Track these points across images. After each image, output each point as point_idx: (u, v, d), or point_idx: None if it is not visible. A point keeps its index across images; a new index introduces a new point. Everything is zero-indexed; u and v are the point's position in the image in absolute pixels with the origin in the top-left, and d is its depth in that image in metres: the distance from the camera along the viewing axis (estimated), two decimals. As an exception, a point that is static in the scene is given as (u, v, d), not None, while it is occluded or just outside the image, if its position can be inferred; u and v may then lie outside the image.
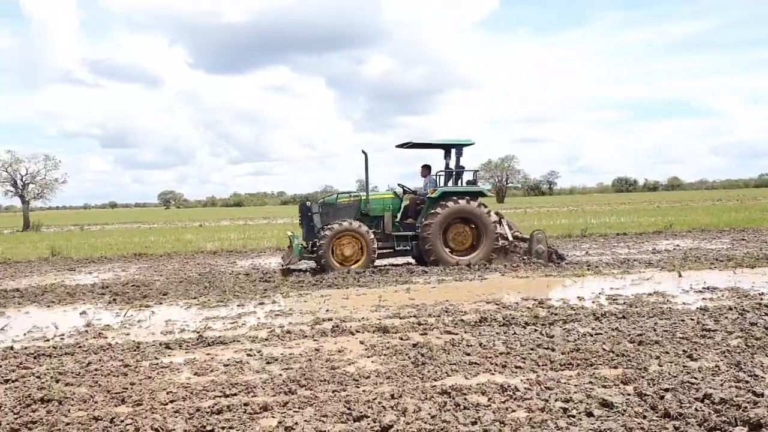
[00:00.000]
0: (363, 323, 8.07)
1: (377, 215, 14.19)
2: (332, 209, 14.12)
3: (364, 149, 14.03)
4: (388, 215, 14.13)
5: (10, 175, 45.09)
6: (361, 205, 14.13)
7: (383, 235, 14.05)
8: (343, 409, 4.85)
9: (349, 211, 14.11)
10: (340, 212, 14.07)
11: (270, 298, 10.42)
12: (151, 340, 7.56)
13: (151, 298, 10.80)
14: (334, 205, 14.22)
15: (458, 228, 13.99)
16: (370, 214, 14.16)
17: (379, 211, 14.19)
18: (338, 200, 14.33)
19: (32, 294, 11.79)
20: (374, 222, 14.16)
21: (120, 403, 5.24)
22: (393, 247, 14.03)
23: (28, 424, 4.73)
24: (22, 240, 30.75)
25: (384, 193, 14.74)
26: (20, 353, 7.08)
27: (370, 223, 14.05)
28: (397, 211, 14.41)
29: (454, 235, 13.99)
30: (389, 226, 14.04)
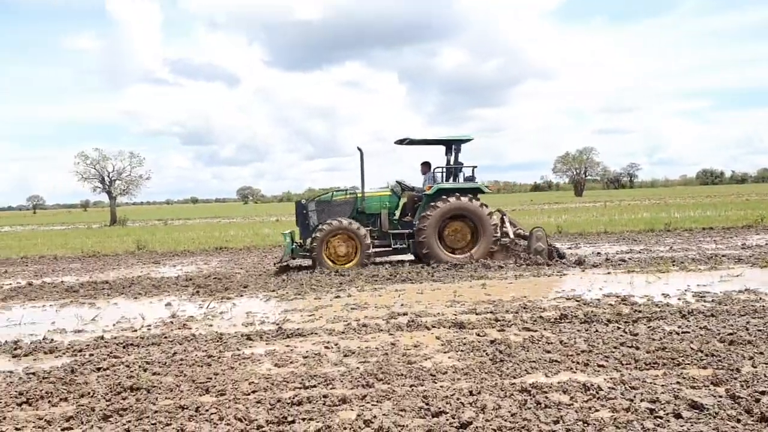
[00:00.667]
0: (439, 318, 8.03)
1: (374, 213, 14.02)
2: (328, 207, 14.02)
3: (359, 146, 13.94)
4: (385, 213, 13.93)
5: (98, 172, 47.43)
6: (357, 203, 13.99)
7: (380, 233, 13.87)
8: (421, 404, 4.83)
9: (345, 209, 13.97)
10: (335, 210, 13.96)
11: (345, 292, 10.52)
12: (233, 332, 7.76)
13: (232, 291, 11.10)
14: (330, 203, 14.09)
15: (455, 225, 13.67)
16: (366, 212, 14.01)
17: (375, 209, 14.00)
18: (333, 198, 14.17)
19: (120, 286, 12.34)
20: (371, 220, 14.02)
21: (204, 393, 5.40)
22: (390, 245, 13.84)
23: (119, 411, 4.94)
24: (109, 234, 32.26)
25: (380, 190, 14.43)
26: (110, 343, 7.41)
27: (366, 221, 13.93)
28: (394, 209, 14.30)
29: (452, 233, 13.68)
30: (386, 223, 13.85)
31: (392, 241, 13.79)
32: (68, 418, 4.85)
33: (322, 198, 14.27)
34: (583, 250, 16.00)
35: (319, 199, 14.26)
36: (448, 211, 13.41)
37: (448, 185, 13.82)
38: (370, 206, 13.98)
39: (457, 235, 13.67)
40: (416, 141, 14.21)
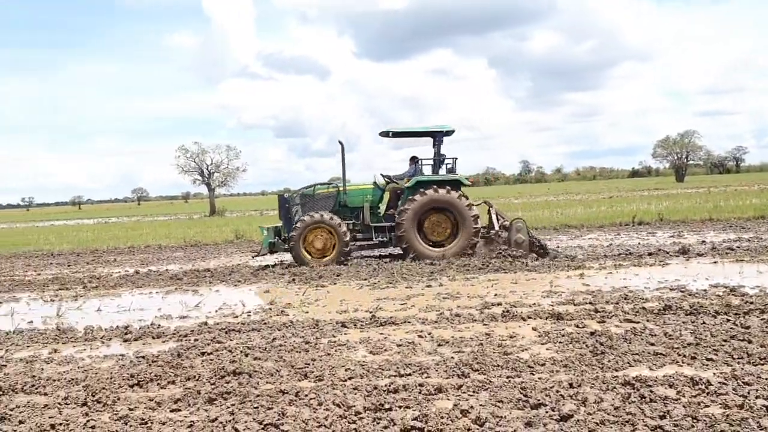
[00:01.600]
0: (535, 309, 7.86)
1: (356, 206, 13.91)
2: (310, 201, 13.94)
3: (340, 140, 13.90)
4: (367, 206, 13.79)
5: (197, 165, 49.48)
6: (340, 197, 13.90)
7: (363, 227, 13.77)
8: (519, 396, 4.74)
9: (327, 203, 13.87)
10: (317, 204, 13.86)
11: (437, 281, 10.49)
12: (328, 319, 7.90)
13: (326, 279, 11.30)
14: (312, 196, 14.01)
15: (436, 218, 13.36)
16: (349, 206, 13.93)
17: (358, 202, 13.90)
18: (316, 192, 14.08)
19: (221, 274, 12.82)
20: (354, 213, 13.92)
21: (303, 378, 5.53)
22: (371, 239, 13.71)
23: (224, 395, 5.12)
24: (209, 224, 33.60)
25: (362, 183, 14.34)
26: (213, 328, 7.71)
27: (350, 214, 13.88)
28: (377, 202, 14.17)
29: (432, 226, 13.39)
30: (367, 217, 13.70)
31: (374, 234, 13.71)
32: (176, 400, 5.08)
33: (304, 192, 14.19)
34: (687, 238, 15.25)
35: (302, 192, 14.20)
36: (426, 204, 13.15)
37: (426, 178, 13.60)
38: (352, 200, 13.93)
39: (438, 228, 13.41)
40: (399, 133, 14.13)
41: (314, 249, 13.30)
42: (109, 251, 20.58)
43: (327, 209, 13.65)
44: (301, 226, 13.20)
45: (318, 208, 13.65)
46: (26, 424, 4.67)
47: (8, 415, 4.87)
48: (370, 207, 13.86)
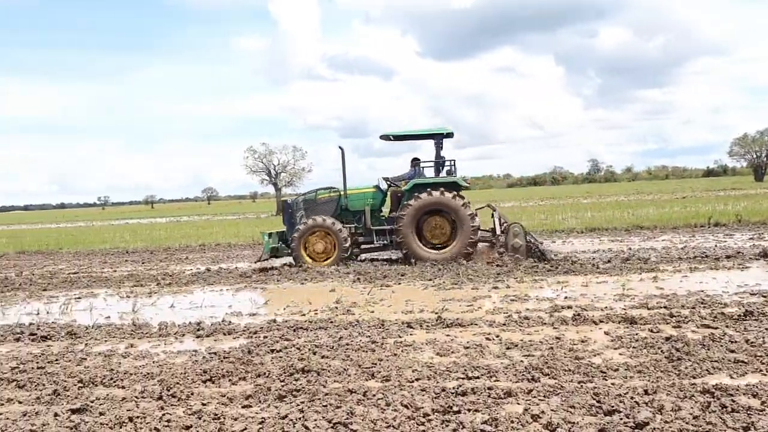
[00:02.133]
0: (606, 313, 7.64)
1: (358, 210, 14.06)
2: (312, 206, 14.21)
3: (340, 146, 14.04)
4: (368, 210, 13.92)
5: (265, 165, 50.52)
6: (341, 201, 14.09)
7: (365, 230, 13.89)
8: (591, 402, 4.61)
9: (329, 207, 14.11)
10: (319, 208, 14.10)
11: (504, 283, 10.34)
12: (394, 319, 7.91)
13: (391, 279, 11.32)
14: (314, 201, 14.27)
15: (435, 221, 13.38)
16: (350, 209, 14.09)
17: (359, 206, 14.04)
18: (318, 196, 14.32)
19: (288, 272, 13.02)
20: (356, 217, 14.09)
21: (370, 378, 5.54)
22: (373, 242, 13.81)
23: (293, 392, 5.19)
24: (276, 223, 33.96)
25: (364, 187, 14.38)
26: (282, 326, 7.83)
27: (351, 218, 14.07)
28: (379, 205, 14.29)
29: (432, 228, 13.42)
30: (368, 220, 13.83)
31: (375, 237, 13.79)
32: (247, 396, 5.17)
33: (307, 197, 14.47)
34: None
35: (305, 198, 14.47)
36: (423, 207, 13.18)
37: (423, 180, 13.64)
38: (353, 203, 14.10)
39: (437, 230, 13.42)
40: (399, 136, 14.36)
41: (315, 252, 13.62)
42: (181, 249, 21.21)
43: (329, 213, 13.95)
44: (301, 231, 13.56)
45: (320, 213, 13.94)
46: (106, 416, 4.85)
47: (89, 406, 5.07)
48: (371, 210, 14.03)
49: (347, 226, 13.79)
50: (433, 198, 13.13)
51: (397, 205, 13.83)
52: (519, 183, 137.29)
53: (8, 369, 6.38)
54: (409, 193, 13.42)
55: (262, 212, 57.38)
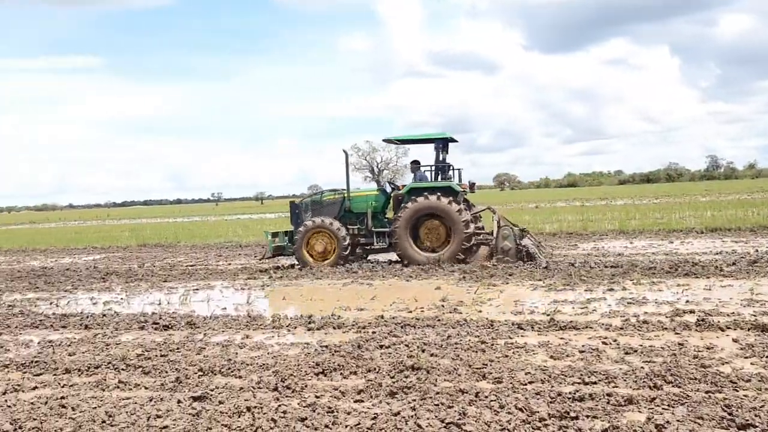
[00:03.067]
0: (734, 318, 7.14)
1: (361, 212, 14.35)
2: (318, 207, 14.67)
3: (344, 148, 14.46)
4: (370, 212, 14.19)
5: (368, 162, 51.23)
6: (345, 203, 14.43)
7: (367, 231, 14.17)
8: (722, 414, 4.31)
9: (333, 209, 14.51)
10: (324, 210, 14.54)
11: (619, 284, 9.90)
12: (503, 319, 7.75)
13: (498, 278, 11.12)
14: (320, 202, 14.74)
15: (431, 224, 13.56)
16: (354, 211, 14.41)
17: (362, 208, 14.35)
18: (323, 198, 14.82)
19: (392, 268, 13.09)
20: (359, 218, 14.39)
21: (481, 378, 5.44)
22: (374, 243, 14.09)
23: (404, 389, 5.18)
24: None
25: (368, 190, 14.94)
26: (389, 322, 7.86)
27: (355, 219, 14.38)
28: (381, 208, 14.50)
29: (427, 231, 13.63)
30: (370, 222, 14.12)
31: (376, 239, 14.05)
32: (359, 391, 5.22)
33: (313, 198, 15.01)
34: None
35: (312, 199, 15.00)
36: (418, 211, 13.43)
37: (420, 184, 13.86)
38: (356, 205, 14.43)
39: (433, 234, 13.60)
40: (402, 140, 14.81)
41: (316, 252, 14.00)
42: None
43: (333, 215, 14.35)
44: (303, 231, 14.05)
45: (324, 214, 14.39)
46: (225, 404, 5.03)
47: (209, 394, 5.28)
48: (375, 212, 14.33)
49: (351, 227, 14.17)
50: (428, 202, 13.38)
51: (398, 208, 14.00)
52: (631, 180, 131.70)
53: (134, 356, 6.77)
54: (406, 197, 13.74)
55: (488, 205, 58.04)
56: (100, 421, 4.74)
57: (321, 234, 14.02)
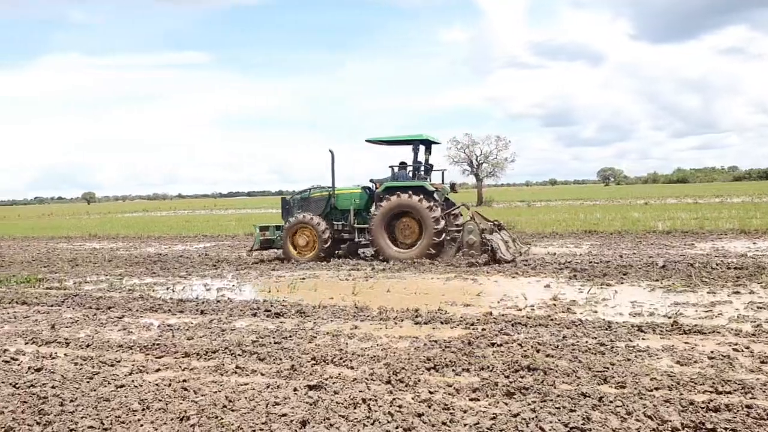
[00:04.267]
0: None
1: (345, 209, 14.98)
2: (305, 203, 15.42)
3: (330, 148, 15.00)
4: (353, 209, 14.83)
5: (467, 155, 50.50)
6: (331, 200, 15.08)
7: (351, 228, 14.76)
8: None
9: (320, 205, 15.20)
10: (312, 206, 15.26)
11: (746, 287, 9.24)
12: (621, 321, 7.38)
13: (611, 277, 10.65)
14: (308, 199, 15.46)
15: (406, 222, 14.14)
16: (339, 208, 15.09)
17: (346, 205, 15.00)
18: (311, 195, 15.48)
19: (498, 264, 12.82)
20: (344, 215, 15.01)
21: (602, 382, 5.18)
22: (354, 239, 14.68)
23: (521, 390, 5.01)
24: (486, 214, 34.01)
25: (352, 188, 15.35)
26: (499, 320, 7.66)
27: (340, 216, 15.04)
28: (365, 205, 15.04)
29: (402, 229, 14.22)
30: (352, 218, 14.75)
31: (357, 234, 14.64)
32: (474, 389, 5.09)
33: (303, 195, 15.65)
34: None
35: (301, 196, 15.67)
36: (392, 209, 14.00)
37: (394, 183, 14.36)
38: (341, 203, 15.09)
39: (407, 230, 14.16)
40: (381, 141, 15.14)
41: (299, 246, 14.82)
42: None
43: (319, 211, 15.05)
44: (288, 226, 14.87)
45: (312, 210, 15.11)
46: (340, 395, 5.04)
47: (324, 384, 5.31)
48: (358, 209, 14.97)
49: (336, 223, 14.92)
50: (399, 200, 13.93)
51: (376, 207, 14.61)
52: (747, 176, 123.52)
53: (249, 342, 6.94)
54: (382, 195, 14.26)
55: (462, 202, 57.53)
56: (221, 406, 4.86)
57: (304, 229, 14.81)
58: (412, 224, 14.12)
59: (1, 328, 8.25)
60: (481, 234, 13.35)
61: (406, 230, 14.21)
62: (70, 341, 7.31)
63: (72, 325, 8.26)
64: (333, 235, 14.64)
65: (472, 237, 13.37)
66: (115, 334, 7.68)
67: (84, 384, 5.57)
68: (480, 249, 13.20)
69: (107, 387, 5.47)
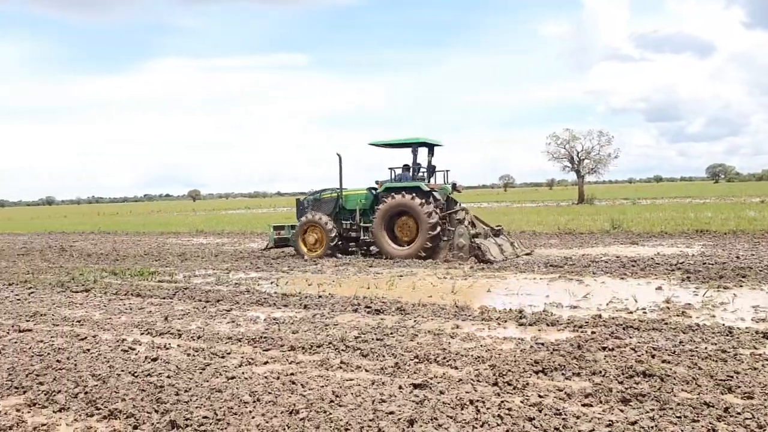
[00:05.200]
0: None
1: (353, 209, 15.81)
2: (317, 204, 16.41)
3: (338, 152, 15.96)
4: (359, 209, 15.64)
5: (567, 151, 49.08)
6: (340, 201, 16.01)
7: (357, 227, 15.58)
8: None
9: (330, 206, 16.14)
10: (323, 206, 16.23)
11: None
12: (743, 326, 6.91)
13: (728, 279, 10.02)
14: (320, 200, 16.46)
15: (404, 221, 14.75)
16: (347, 208, 15.95)
17: (353, 206, 15.83)
18: (322, 196, 16.48)
19: (603, 264, 12.36)
20: (352, 215, 15.83)
21: (726, 392, 4.85)
22: (360, 237, 15.54)
23: (637, 397, 4.75)
24: (580, 212, 33.08)
25: (359, 189, 16.09)
26: (609, 323, 7.34)
27: (348, 215, 15.90)
28: (370, 205, 15.58)
29: (401, 227, 14.86)
30: (358, 218, 15.60)
31: (362, 233, 15.49)
32: (586, 394, 4.88)
33: (315, 196, 16.66)
34: None
35: (313, 197, 16.69)
36: (391, 208, 14.72)
37: (393, 184, 15.16)
38: (348, 203, 15.96)
39: (406, 229, 14.78)
40: (380, 144, 15.96)
41: (309, 243, 15.82)
42: (487, 235, 21.56)
43: (328, 211, 15.97)
44: (299, 225, 15.97)
45: (323, 210, 16.06)
46: (446, 395, 4.97)
47: (429, 383, 5.25)
48: (365, 209, 15.64)
49: (344, 222, 15.82)
50: (396, 200, 14.64)
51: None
52: None
53: (352, 338, 6.99)
54: (381, 196, 15.03)
55: (561, 200, 56.13)
56: (328, 401, 4.90)
57: (314, 228, 15.83)
58: (410, 223, 14.74)
59: (119, 318, 8.72)
60: (471, 237, 14.04)
61: (404, 229, 14.87)
62: (182, 332, 7.63)
63: (183, 317, 8.63)
64: (340, 234, 15.70)
65: (461, 240, 14.06)
66: (224, 327, 7.95)
67: (197, 374, 5.78)
68: (468, 251, 13.88)
69: (219, 378, 5.65)
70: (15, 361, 6.39)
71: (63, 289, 11.46)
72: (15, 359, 6.48)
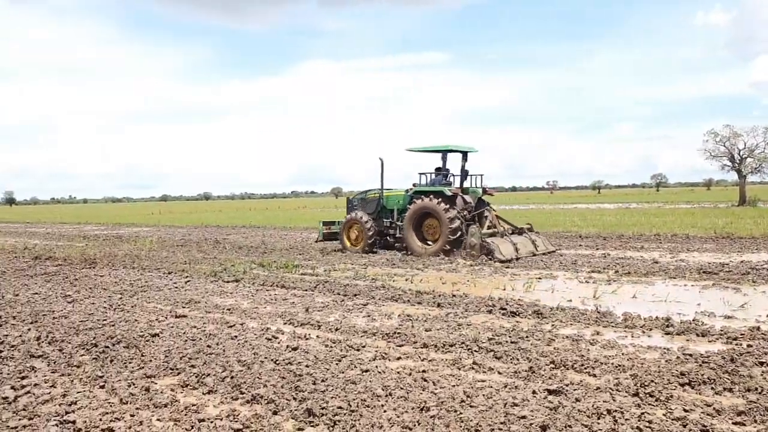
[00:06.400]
0: None
1: (392, 209, 17.12)
2: (363, 202, 17.94)
3: (380, 156, 17.14)
4: (396, 209, 16.91)
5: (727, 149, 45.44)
6: (382, 201, 17.31)
7: (395, 225, 16.80)
8: None
9: (373, 205, 17.53)
10: (368, 205, 17.70)
11: None
12: None
13: None
14: (365, 199, 17.93)
15: (431, 222, 15.81)
16: (387, 208, 17.29)
17: (392, 205, 17.16)
18: (368, 195, 17.91)
19: (765, 272, 11.33)
20: (391, 214, 17.13)
21: None
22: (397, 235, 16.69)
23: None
24: (740, 215, 30.49)
25: (398, 190, 17.36)
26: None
27: (389, 215, 17.21)
28: (406, 206, 16.49)
29: (428, 228, 15.97)
30: (395, 217, 16.88)
31: (398, 231, 16.66)
32: (739, 411, 4.52)
33: (362, 196, 18.19)
34: None
35: (360, 196, 18.23)
36: (418, 210, 15.86)
37: (421, 188, 16.35)
38: (388, 203, 17.33)
39: (431, 229, 15.88)
40: (419, 150, 16.83)
41: (351, 239, 17.40)
42: (634, 237, 20.48)
43: (371, 210, 17.40)
44: (344, 222, 17.63)
45: (368, 209, 17.54)
46: (582, 403, 4.78)
47: (564, 390, 5.09)
48: (401, 209, 16.77)
49: (385, 220, 17.14)
50: (422, 203, 15.78)
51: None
52: None
53: (486, 339, 6.91)
54: (411, 198, 16.36)
55: (719, 202, 52.09)
56: (459, 400, 4.89)
57: (356, 225, 17.33)
58: (435, 224, 15.76)
59: (265, 308, 9.22)
60: (482, 237, 14.76)
61: (431, 229, 15.95)
62: (321, 324, 7.93)
63: (323, 309, 8.96)
64: (380, 231, 17.11)
65: (473, 240, 14.77)
66: (360, 320, 8.17)
67: (333, 365, 5.98)
68: (479, 250, 14.61)
69: (354, 370, 5.81)
70: (171, 345, 6.94)
71: (215, 279, 12.31)
72: (171, 342, 7.05)
